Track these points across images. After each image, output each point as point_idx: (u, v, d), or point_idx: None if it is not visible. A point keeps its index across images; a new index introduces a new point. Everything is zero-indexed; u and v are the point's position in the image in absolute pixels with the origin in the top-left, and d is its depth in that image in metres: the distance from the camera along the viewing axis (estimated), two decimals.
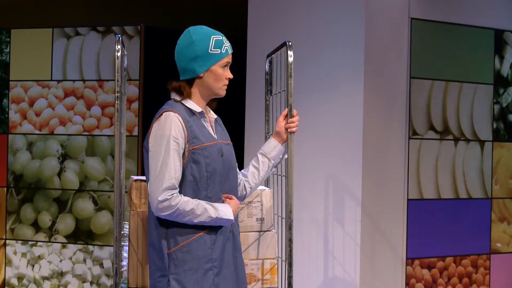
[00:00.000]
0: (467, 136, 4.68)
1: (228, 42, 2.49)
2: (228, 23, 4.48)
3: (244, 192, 2.68)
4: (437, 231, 4.55)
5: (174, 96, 2.48)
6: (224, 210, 2.42)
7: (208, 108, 2.56)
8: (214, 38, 2.45)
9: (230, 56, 2.49)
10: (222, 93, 2.50)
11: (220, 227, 2.43)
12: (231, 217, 2.43)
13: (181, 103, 2.46)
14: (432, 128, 4.55)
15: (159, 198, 2.32)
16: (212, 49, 2.43)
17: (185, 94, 2.46)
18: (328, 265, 4.25)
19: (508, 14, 4.84)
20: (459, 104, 4.65)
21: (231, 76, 2.50)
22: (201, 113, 2.47)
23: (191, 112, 2.45)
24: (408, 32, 4.44)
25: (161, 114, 2.40)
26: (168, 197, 2.33)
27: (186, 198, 2.36)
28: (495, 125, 4.79)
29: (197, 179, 2.40)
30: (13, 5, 5.97)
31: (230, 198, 2.51)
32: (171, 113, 2.39)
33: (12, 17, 5.92)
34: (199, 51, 2.42)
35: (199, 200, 2.38)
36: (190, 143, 2.39)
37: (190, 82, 2.47)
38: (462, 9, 4.65)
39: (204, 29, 2.48)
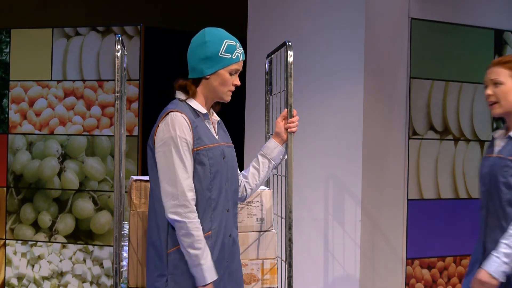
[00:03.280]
0: (467, 136, 4.68)
1: (241, 49, 2.47)
2: (228, 23, 4.48)
3: (245, 193, 2.68)
4: (437, 231, 4.54)
5: (179, 95, 2.48)
6: (210, 270, 2.35)
7: (212, 110, 2.56)
8: (227, 43, 2.44)
9: (241, 63, 2.47)
10: (227, 98, 2.49)
11: (221, 230, 2.43)
12: (209, 279, 2.34)
13: (186, 102, 2.45)
14: (432, 128, 4.55)
15: (173, 202, 2.32)
16: (222, 52, 2.42)
17: (190, 93, 2.45)
18: (328, 265, 4.25)
19: (508, 14, 4.84)
20: (459, 104, 4.65)
21: (238, 83, 2.48)
22: (205, 114, 2.47)
23: (196, 112, 2.44)
24: (408, 32, 4.44)
25: (167, 113, 2.39)
26: (185, 203, 2.31)
27: (199, 225, 2.33)
28: (495, 125, 4.79)
29: (201, 180, 2.39)
30: (13, 5, 5.97)
31: None
32: (178, 113, 2.38)
33: (12, 17, 5.93)
34: (209, 53, 2.41)
35: (205, 241, 2.34)
36: (194, 144, 2.38)
37: (197, 82, 2.46)
38: (462, 9, 4.65)
39: (219, 31, 2.47)
